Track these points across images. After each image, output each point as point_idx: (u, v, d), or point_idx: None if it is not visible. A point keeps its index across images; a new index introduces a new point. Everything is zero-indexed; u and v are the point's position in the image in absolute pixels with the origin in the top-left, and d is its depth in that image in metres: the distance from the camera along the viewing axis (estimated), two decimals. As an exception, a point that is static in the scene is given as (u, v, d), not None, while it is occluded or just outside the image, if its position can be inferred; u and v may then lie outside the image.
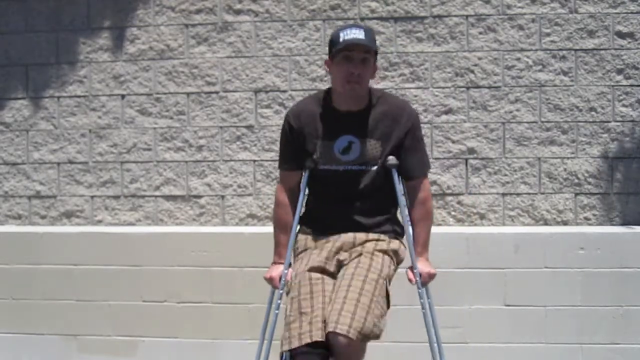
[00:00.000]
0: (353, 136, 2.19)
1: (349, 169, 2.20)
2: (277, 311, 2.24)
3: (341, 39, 2.15)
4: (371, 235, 2.25)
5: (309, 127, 2.23)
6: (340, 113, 2.22)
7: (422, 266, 2.29)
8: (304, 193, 2.31)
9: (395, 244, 2.30)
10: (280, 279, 2.28)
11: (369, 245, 2.22)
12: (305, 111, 2.26)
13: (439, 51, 3.53)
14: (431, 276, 2.30)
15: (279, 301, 2.21)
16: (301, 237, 2.34)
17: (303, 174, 2.30)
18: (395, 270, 2.29)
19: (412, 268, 2.29)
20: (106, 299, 3.51)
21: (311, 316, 2.01)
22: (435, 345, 2.30)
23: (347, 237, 2.23)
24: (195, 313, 3.45)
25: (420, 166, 2.30)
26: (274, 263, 2.37)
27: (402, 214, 2.29)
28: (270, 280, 2.34)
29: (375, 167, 2.21)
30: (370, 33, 2.21)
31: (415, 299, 2.31)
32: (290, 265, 2.31)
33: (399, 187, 2.25)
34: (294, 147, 2.28)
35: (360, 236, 2.24)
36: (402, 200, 2.27)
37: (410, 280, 2.28)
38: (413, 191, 2.30)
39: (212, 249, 3.45)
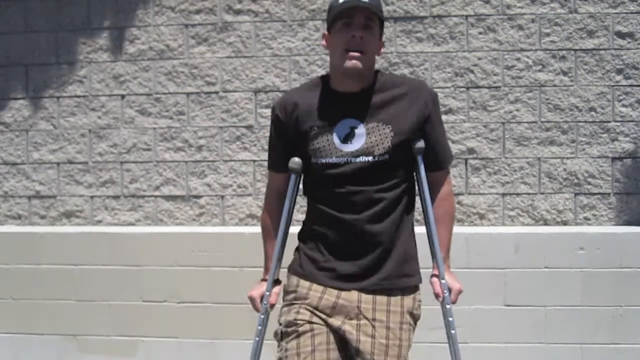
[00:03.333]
0: (355, 120, 1.76)
1: (351, 160, 1.74)
2: (257, 338, 1.91)
3: (340, 0, 1.75)
4: (379, 302, 1.76)
5: (300, 116, 1.81)
6: (339, 94, 1.80)
7: (451, 280, 1.87)
8: (292, 199, 1.94)
9: (409, 301, 1.81)
10: (262, 299, 1.91)
11: (380, 330, 1.74)
12: (293, 99, 1.85)
13: (439, 51, 3.53)
14: (459, 293, 1.89)
15: (259, 327, 1.91)
16: (293, 278, 1.87)
17: (291, 177, 1.90)
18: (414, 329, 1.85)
19: (437, 276, 1.87)
20: (106, 299, 3.51)
21: None
22: None
23: (350, 299, 1.76)
24: (195, 313, 3.45)
25: (445, 155, 1.89)
26: (262, 280, 1.98)
27: (426, 215, 1.87)
28: (250, 300, 1.93)
29: (385, 158, 1.75)
30: None
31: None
32: (275, 282, 1.95)
33: (424, 179, 1.84)
34: (283, 144, 1.87)
35: (367, 299, 1.76)
36: (427, 197, 1.85)
37: (437, 295, 1.85)
38: (437, 184, 1.88)
39: (212, 249, 3.45)
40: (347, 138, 1.76)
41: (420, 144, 1.80)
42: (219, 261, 3.44)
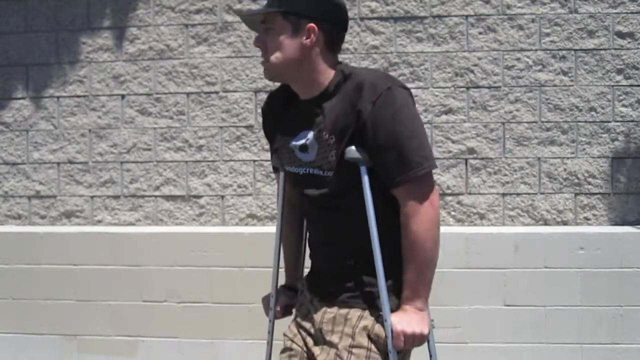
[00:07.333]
0: (308, 131, 1.57)
1: (309, 172, 1.59)
2: (267, 345, 1.87)
3: None
4: (337, 323, 1.59)
5: (276, 118, 1.72)
6: (299, 102, 1.63)
7: (397, 320, 1.51)
8: (283, 197, 1.81)
9: (368, 322, 1.57)
10: (269, 302, 1.85)
11: (325, 354, 1.60)
12: (276, 97, 1.74)
13: (439, 51, 3.53)
14: (408, 337, 1.49)
15: (268, 332, 1.87)
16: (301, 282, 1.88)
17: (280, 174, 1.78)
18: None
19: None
20: (106, 299, 3.51)
21: None
22: None
23: (316, 319, 1.65)
24: (195, 313, 3.45)
25: (400, 168, 1.48)
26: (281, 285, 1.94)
27: (372, 237, 1.54)
28: (262, 302, 1.92)
29: (331, 173, 1.54)
30: None
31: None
32: (288, 289, 1.90)
33: (368, 194, 1.52)
34: (268, 138, 1.80)
35: (328, 320, 1.62)
36: (372, 218, 1.53)
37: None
38: (398, 207, 1.54)
39: (212, 249, 3.45)
40: (303, 148, 1.59)
41: (353, 152, 1.50)
42: (219, 261, 3.44)
